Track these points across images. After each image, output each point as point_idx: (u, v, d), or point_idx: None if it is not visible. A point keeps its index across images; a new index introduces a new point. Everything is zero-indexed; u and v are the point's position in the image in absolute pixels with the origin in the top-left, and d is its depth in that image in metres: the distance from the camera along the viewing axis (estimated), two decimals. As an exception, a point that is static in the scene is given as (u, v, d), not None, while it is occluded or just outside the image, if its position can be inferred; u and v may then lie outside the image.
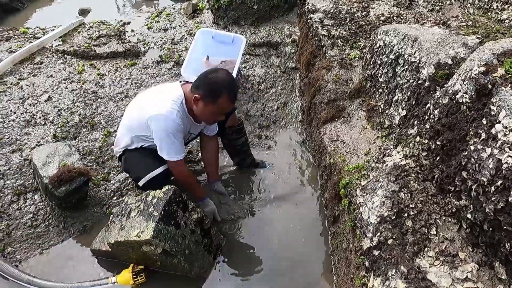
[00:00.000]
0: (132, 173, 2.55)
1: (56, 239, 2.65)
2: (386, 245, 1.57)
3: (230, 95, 2.23)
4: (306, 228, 2.66)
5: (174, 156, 2.38)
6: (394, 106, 2.31)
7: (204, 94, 2.22)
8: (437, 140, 1.66)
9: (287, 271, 2.45)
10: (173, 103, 2.28)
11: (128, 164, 2.56)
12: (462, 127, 1.50)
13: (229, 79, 2.24)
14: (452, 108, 1.58)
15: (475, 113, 1.45)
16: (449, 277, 1.43)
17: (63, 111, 3.26)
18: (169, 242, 2.18)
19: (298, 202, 2.83)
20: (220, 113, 2.33)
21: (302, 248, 2.56)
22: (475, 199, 1.42)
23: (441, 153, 1.64)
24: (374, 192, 1.77)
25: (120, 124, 2.63)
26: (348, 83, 2.94)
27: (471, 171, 1.41)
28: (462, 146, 1.49)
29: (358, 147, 2.48)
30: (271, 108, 3.54)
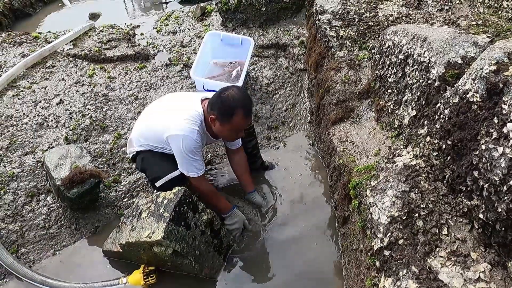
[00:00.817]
0: (149, 174, 2.55)
1: (69, 240, 2.69)
2: (397, 245, 1.56)
3: (244, 112, 2.22)
4: (316, 229, 2.66)
5: (194, 173, 2.39)
6: (404, 106, 2.30)
7: (219, 114, 2.23)
8: (447, 140, 1.65)
9: (297, 271, 2.44)
10: (193, 122, 2.29)
11: (146, 164, 2.55)
12: (473, 126, 1.50)
13: (241, 96, 2.22)
14: (463, 108, 1.57)
15: (486, 112, 1.45)
16: (461, 278, 1.42)
17: (74, 114, 3.31)
18: (179, 243, 2.20)
19: (308, 203, 2.82)
20: (238, 130, 2.33)
21: (312, 248, 2.55)
22: (487, 199, 1.41)
23: (452, 152, 1.63)
24: (384, 193, 1.77)
25: (135, 127, 2.62)
26: (357, 83, 2.94)
27: (483, 171, 1.40)
28: (473, 145, 1.48)
29: (368, 147, 2.47)
30: (279, 110, 3.55)
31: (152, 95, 3.56)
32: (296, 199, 2.85)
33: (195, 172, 2.40)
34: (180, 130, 2.27)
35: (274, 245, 2.59)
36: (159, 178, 2.47)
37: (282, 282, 2.40)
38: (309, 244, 2.58)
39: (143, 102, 3.49)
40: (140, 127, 2.57)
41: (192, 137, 2.27)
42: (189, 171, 2.39)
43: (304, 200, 2.84)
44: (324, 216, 2.73)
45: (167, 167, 2.45)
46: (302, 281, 2.40)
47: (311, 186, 2.94)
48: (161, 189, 2.42)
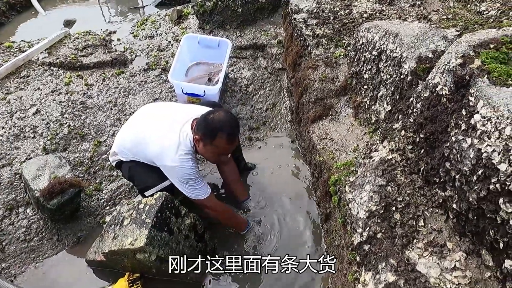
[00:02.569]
0: (138, 183, 2.50)
1: (51, 252, 2.65)
2: (375, 239, 1.59)
3: (227, 135, 2.17)
4: (300, 227, 2.68)
5: (203, 195, 2.35)
6: (379, 101, 2.34)
7: (202, 135, 2.20)
8: (420, 133, 1.69)
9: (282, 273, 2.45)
10: (185, 150, 2.24)
11: (134, 173, 2.49)
12: (443, 119, 1.53)
13: (226, 120, 2.17)
14: (433, 101, 1.61)
15: (454, 105, 1.48)
16: (437, 267, 1.45)
17: (51, 123, 3.25)
18: (163, 249, 2.18)
19: (291, 201, 2.84)
20: (221, 153, 2.31)
21: (296, 247, 2.57)
22: (459, 189, 1.44)
23: (425, 145, 1.66)
24: (362, 188, 1.79)
25: (119, 140, 2.51)
26: (334, 81, 2.97)
27: (454, 162, 1.44)
28: (444, 137, 1.51)
29: (347, 144, 2.50)
30: (260, 110, 3.56)
31: (131, 100, 3.53)
32: (279, 198, 2.86)
33: (203, 194, 2.35)
34: (173, 161, 2.23)
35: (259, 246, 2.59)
36: (149, 187, 2.43)
37: (268, 282, 2.41)
38: (293, 242, 2.59)
39: (122, 108, 3.46)
40: (124, 141, 2.47)
41: (187, 166, 2.23)
42: (197, 195, 2.35)
43: (287, 198, 2.86)
44: (307, 214, 2.75)
45: (157, 177, 2.40)
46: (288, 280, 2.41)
47: (294, 185, 2.96)
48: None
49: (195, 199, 2.36)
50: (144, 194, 2.44)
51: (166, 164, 2.28)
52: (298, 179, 3.01)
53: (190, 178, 2.28)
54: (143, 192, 2.44)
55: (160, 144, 2.29)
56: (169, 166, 2.28)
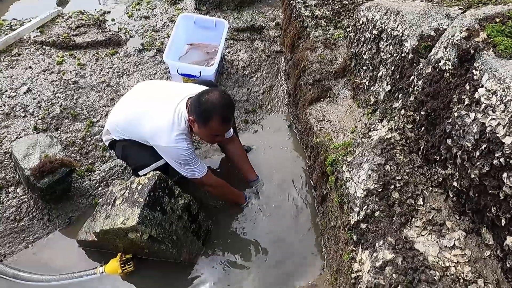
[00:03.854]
0: (132, 162, 2.44)
1: (41, 232, 2.60)
2: (373, 217, 1.55)
3: (222, 118, 2.11)
4: (296, 210, 2.64)
5: (200, 173, 2.31)
6: (379, 82, 2.28)
7: (196, 116, 2.13)
8: (421, 110, 1.64)
9: (278, 253, 2.43)
10: (179, 130, 2.18)
11: (127, 152, 2.42)
12: (445, 94, 1.48)
13: (220, 102, 2.10)
14: (436, 77, 1.56)
15: (458, 80, 1.43)
16: (436, 246, 1.41)
17: (43, 102, 3.18)
18: (155, 228, 2.14)
19: (287, 185, 2.80)
20: (215, 135, 2.24)
21: (292, 230, 2.54)
22: (461, 166, 1.40)
23: (425, 123, 1.62)
24: (360, 167, 1.75)
25: (112, 118, 2.45)
26: (332, 62, 2.91)
27: (456, 138, 1.39)
28: (446, 113, 1.47)
29: (344, 125, 2.45)
30: (256, 93, 3.50)
31: (125, 81, 3.46)
32: (275, 181, 2.82)
33: (200, 173, 2.31)
34: (168, 142, 2.17)
35: (253, 228, 2.56)
36: (144, 166, 2.37)
37: (262, 266, 2.38)
38: (289, 226, 2.56)
39: (116, 89, 3.38)
40: (117, 119, 2.41)
41: (182, 147, 2.18)
42: (194, 174, 2.30)
43: (283, 181, 2.81)
44: (303, 197, 2.72)
45: (151, 156, 2.34)
46: (283, 262, 2.38)
47: (290, 168, 2.92)
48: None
49: (194, 178, 2.30)
50: (138, 174, 2.38)
51: (160, 144, 2.22)
52: (294, 162, 2.96)
53: (185, 158, 2.23)
54: (137, 172, 2.39)
55: (154, 123, 2.23)
56: (164, 147, 2.22)
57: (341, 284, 1.81)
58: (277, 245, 2.46)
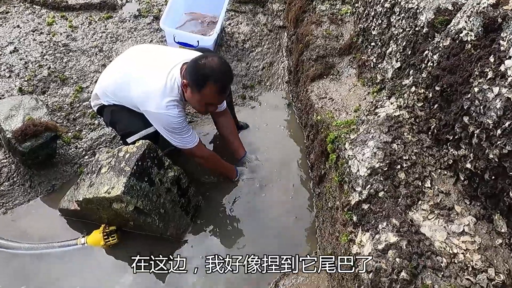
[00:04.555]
0: (120, 128, 2.30)
1: (22, 199, 2.46)
2: (376, 198, 1.44)
3: (217, 86, 1.96)
4: (290, 191, 2.53)
5: (190, 143, 2.18)
6: (387, 59, 2.15)
7: (190, 80, 1.98)
8: (435, 86, 1.51)
9: (269, 233, 2.32)
10: (171, 95, 2.03)
11: (116, 117, 2.28)
12: (465, 68, 1.36)
13: (219, 68, 1.95)
14: (455, 49, 1.43)
15: (481, 51, 1.30)
16: (444, 231, 1.31)
17: (30, 63, 3.00)
18: (141, 200, 2.02)
19: (283, 165, 2.68)
20: (207, 103, 2.08)
21: (285, 211, 2.43)
22: (477, 146, 1.28)
23: (439, 100, 1.49)
24: (364, 144, 1.63)
25: (101, 81, 2.30)
26: (338, 39, 2.76)
27: (474, 115, 1.27)
28: (464, 89, 1.34)
29: (348, 104, 2.32)
30: (256, 68, 3.34)
31: (119, 47, 3.28)
32: (271, 160, 2.70)
33: (191, 143, 2.19)
34: (158, 107, 2.03)
35: (244, 206, 2.45)
36: (132, 133, 2.23)
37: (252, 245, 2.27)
38: (282, 206, 2.45)
39: (108, 55, 3.21)
40: (107, 83, 2.26)
41: (173, 114, 2.03)
42: (185, 144, 2.18)
43: (278, 160, 2.69)
44: (298, 177, 2.60)
45: (141, 123, 2.20)
46: (274, 243, 2.27)
47: (287, 147, 2.79)
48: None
49: (184, 148, 2.18)
50: (126, 141, 2.24)
51: (150, 110, 2.08)
52: (291, 141, 2.84)
53: (176, 126, 2.09)
54: (125, 139, 2.25)
55: (145, 87, 2.08)
56: (153, 113, 2.08)
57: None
58: (269, 226, 2.36)
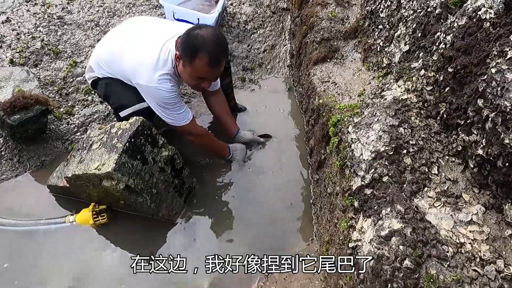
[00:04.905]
0: (114, 101, 2.20)
1: (9, 173, 2.38)
2: (380, 183, 1.36)
3: (209, 58, 1.83)
4: (287, 176, 2.45)
5: (183, 120, 2.09)
6: (396, 42, 2.06)
7: (182, 52, 1.87)
8: (448, 68, 1.43)
9: (263, 219, 2.25)
10: (164, 69, 1.94)
11: (110, 90, 2.18)
12: (482, 48, 1.27)
13: (211, 40, 1.82)
14: (472, 28, 1.34)
15: (501, 30, 1.22)
16: (450, 219, 1.23)
17: (23, 35, 2.88)
18: (133, 178, 1.93)
19: (280, 149, 2.60)
20: (201, 78, 1.96)
21: (280, 196, 2.35)
22: (491, 131, 1.21)
23: (451, 82, 1.41)
24: (369, 127, 1.55)
25: (96, 53, 2.21)
26: (344, 22, 2.66)
27: (490, 97, 1.19)
28: (480, 70, 1.26)
29: (351, 88, 2.24)
30: (257, 50, 3.24)
31: (116, 22, 3.16)
32: (269, 145, 2.62)
33: (184, 120, 2.09)
34: (149, 80, 1.93)
35: (241, 193, 2.37)
36: (125, 106, 2.13)
37: (246, 230, 2.20)
38: (278, 192, 2.38)
39: (105, 30, 3.09)
40: (101, 53, 2.16)
41: (165, 88, 1.94)
42: (177, 121, 2.09)
43: (276, 145, 2.61)
44: (297, 163, 2.52)
45: (135, 96, 2.10)
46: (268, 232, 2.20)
47: (286, 131, 2.71)
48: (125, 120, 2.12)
49: (177, 125, 2.09)
50: (119, 115, 2.15)
51: (141, 83, 1.98)
52: (290, 126, 2.76)
53: (168, 102, 1.99)
54: (118, 112, 2.15)
55: (137, 59, 1.98)
56: (144, 86, 1.98)
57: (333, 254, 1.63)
58: (264, 212, 2.28)
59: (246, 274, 1.94)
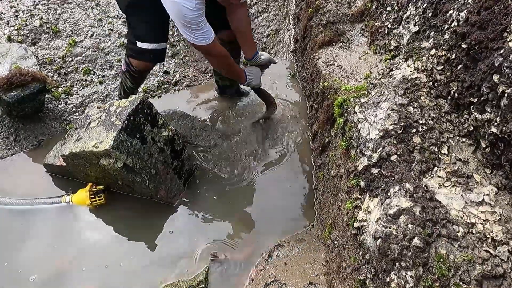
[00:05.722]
0: (136, 31, 2.15)
1: (5, 152, 2.33)
2: (388, 161, 1.31)
3: None
4: (289, 162, 2.41)
5: (205, 40, 1.96)
6: (404, 23, 1.99)
7: None
8: (461, 44, 1.37)
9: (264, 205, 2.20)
10: None
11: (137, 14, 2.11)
12: (499, 21, 1.21)
13: None
14: (488, 2, 1.28)
15: (520, 1, 1.16)
16: (461, 199, 1.19)
17: (21, 12, 2.82)
18: (131, 157, 1.88)
19: (283, 134, 2.55)
20: None
21: (282, 182, 2.31)
22: (506, 108, 1.15)
23: (465, 59, 1.35)
24: (377, 106, 1.49)
25: None
26: (350, 5, 2.59)
27: (507, 71, 1.13)
28: (497, 44, 1.20)
29: (357, 71, 2.17)
30: (261, 35, 3.18)
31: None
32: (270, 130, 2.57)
33: (206, 39, 1.97)
34: None
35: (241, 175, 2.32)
36: (145, 41, 2.12)
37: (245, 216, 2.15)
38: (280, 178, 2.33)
39: (105, 9, 3.02)
40: None
41: (189, 6, 1.81)
42: (199, 40, 1.96)
43: (279, 130, 2.56)
44: (299, 148, 2.48)
45: (159, 34, 2.14)
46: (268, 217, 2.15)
47: (288, 116, 2.66)
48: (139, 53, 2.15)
49: (198, 43, 1.97)
50: (136, 44, 2.12)
51: None
52: (293, 111, 2.71)
53: (191, 21, 1.86)
54: (136, 41, 2.12)
55: None
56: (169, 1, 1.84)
57: (336, 237, 1.59)
58: (265, 197, 2.24)
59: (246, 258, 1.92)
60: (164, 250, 1.96)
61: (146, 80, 2.75)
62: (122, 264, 1.91)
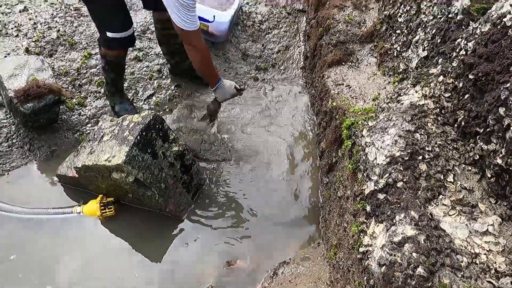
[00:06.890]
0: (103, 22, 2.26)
1: (20, 161, 2.39)
2: (394, 188, 1.34)
3: None
4: (297, 178, 2.44)
5: (192, 26, 1.95)
6: (413, 47, 2.03)
7: None
8: (468, 75, 1.40)
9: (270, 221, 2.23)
10: None
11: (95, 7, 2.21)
12: (506, 55, 1.24)
13: None
14: (495, 35, 1.31)
15: (526, 37, 1.19)
16: (466, 229, 1.21)
17: (39, 24, 2.90)
18: (143, 171, 1.93)
19: (290, 151, 2.58)
20: None
21: (289, 199, 2.34)
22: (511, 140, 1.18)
23: (472, 89, 1.38)
24: (384, 131, 1.52)
25: None
26: (360, 25, 2.64)
27: (513, 106, 1.16)
28: (503, 77, 1.23)
29: (366, 92, 2.21)
30: (271, 51, 3.23)
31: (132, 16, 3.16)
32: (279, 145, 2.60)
33: (194, 25, 1.96)
34: None
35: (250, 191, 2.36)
36: (115, 31, 2.23)
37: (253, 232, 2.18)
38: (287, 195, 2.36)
39: (120, 23, 3.09)
40: None
41: None
42: (188, 25, 1.93)
43: (287, 146, 2.60)
44: (306, 165, 2.51)
45: (126, 21, 2.29)
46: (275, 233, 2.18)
47: (296, 133, 2.69)
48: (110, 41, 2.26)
49: (184, 28, 1.95)
50: (106, 34, 2.23)
51: None
52: (301, 127, 2.74)
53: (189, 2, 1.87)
54: (106, 31, 2.23)
55: None
56: None
57: (341, 259, 1.61)
58: (273, 214, 2.27)
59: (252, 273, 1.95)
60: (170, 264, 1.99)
61: (157, 93, 2.82)
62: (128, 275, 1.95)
